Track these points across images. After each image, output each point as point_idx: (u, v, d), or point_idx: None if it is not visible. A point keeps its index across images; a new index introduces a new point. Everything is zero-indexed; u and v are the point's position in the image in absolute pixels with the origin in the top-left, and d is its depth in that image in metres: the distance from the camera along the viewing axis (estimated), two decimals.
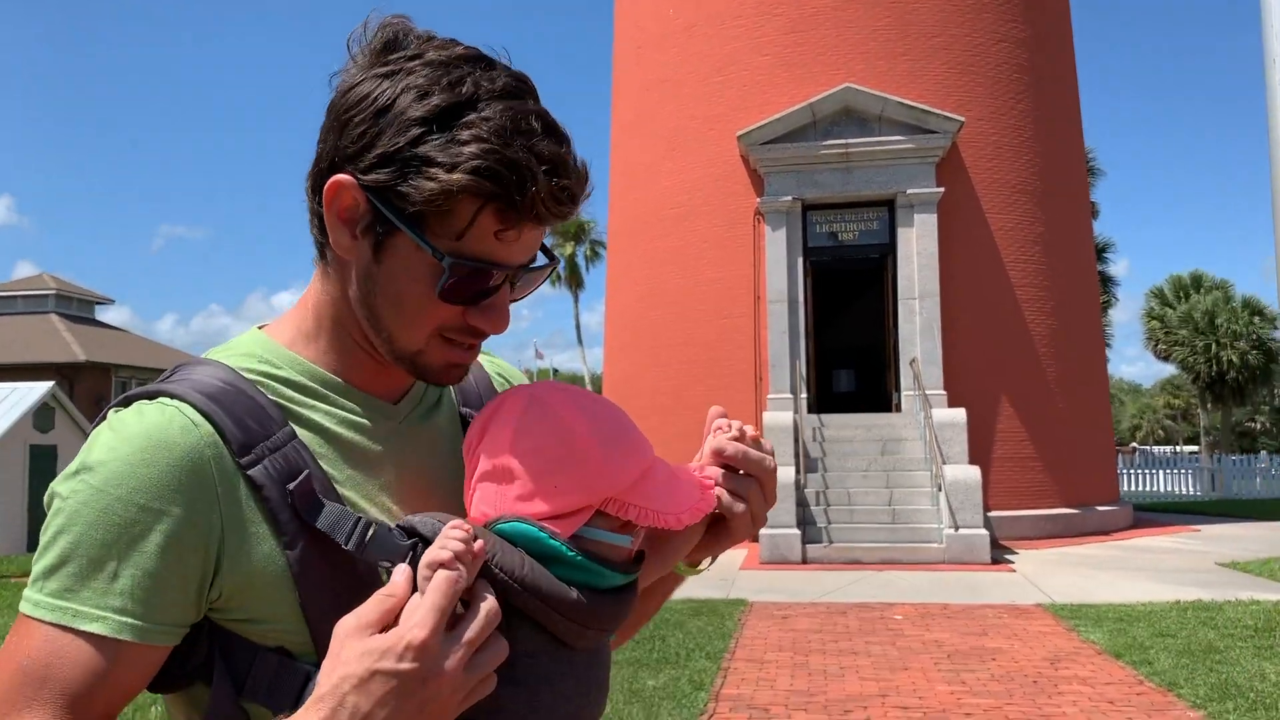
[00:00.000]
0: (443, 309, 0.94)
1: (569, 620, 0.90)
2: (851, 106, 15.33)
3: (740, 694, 6.53)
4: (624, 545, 0.95)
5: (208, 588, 0.90)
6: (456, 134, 0.89)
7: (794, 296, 15.47)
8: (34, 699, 0.85)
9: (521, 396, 0.97)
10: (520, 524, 0.91)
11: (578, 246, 36.18)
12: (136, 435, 0.89)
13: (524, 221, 0.91)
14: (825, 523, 13.15)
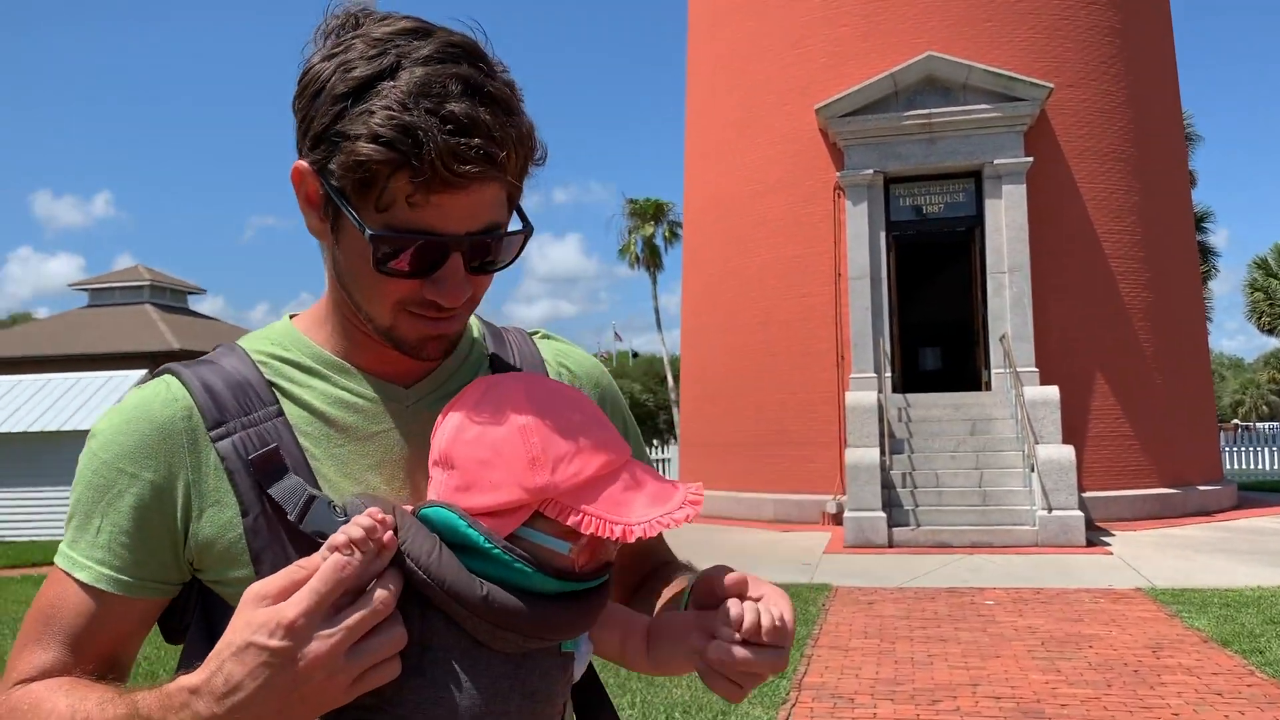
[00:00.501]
0: (394, 283, 0.95)
1: (476, 617, 0.86)
2: (934, 75, 14.85)
3: (823, 682, 6.33)
4: (561, 551, 0.89)
5: (182, 548, 0.99)
6: (369, 105, 0.89)
7: (876, 272, 15.09)
8: (44, 634, 0.98)
9: (482, 385, 0.97)
10: (441, 509, 0.89)
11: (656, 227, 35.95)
12: (127, 407, 1.00)
13: (432, 184, 0.89)
14: (912, 505, 12.81)
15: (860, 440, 13.36)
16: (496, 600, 0.86)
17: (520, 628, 0.88)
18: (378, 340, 1.02)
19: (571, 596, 0.91)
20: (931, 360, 19.12)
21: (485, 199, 0.93)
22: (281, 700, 0.83)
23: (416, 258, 0.93)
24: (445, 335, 1.01)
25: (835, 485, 14.85)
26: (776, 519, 15.34)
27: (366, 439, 1.02)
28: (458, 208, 0.91)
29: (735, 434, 16.40)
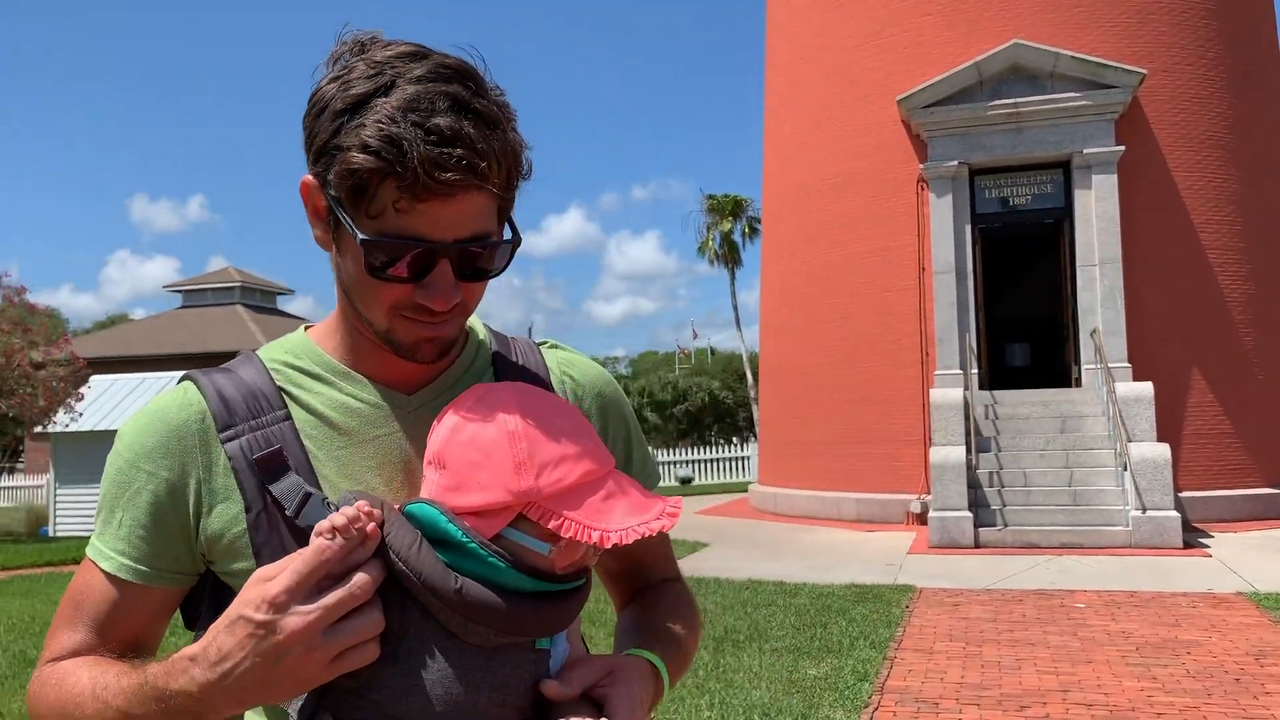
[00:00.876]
0: (388, 288, 1.01)
1: (450, 610, 0.91)
2: (1021, 63, 14.46)
3: (907, 686, 6.17)
4: (541, 552, 0.94)
5: (195, 541, 1.07)
6: (362, 119, 0.95)
7: (962, 266, 14.75)
8: (73, 618, 1.08)
9: (477, 391, 1.03)
10: (425, 505, 0.95)
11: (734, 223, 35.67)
12: (148, 411, 1.09)
13: (416, 191, 0.94)
14: (999, 505, 12.49)
15: (945, 438, 13.07)
16: (470, 594, 0.91)
17: (491, 622, 0.93)
18: (383, 349, 1.09)
19: (547, 596, 0.96)
20: (1019, 356, 18.64)
21: (472, 208, 0.98)
22: (265, 670, 0.91)
23: (407, 264, 0.99)
24: (438, 339, 1.06)
25: (919, 484, 14.57)
26: (859, 519, 15.11)
27: (367, 442, 1.09)
28: (444, 215, 0.97)
29: (816, 432, 16.19)
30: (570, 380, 1.24)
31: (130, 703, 0.97)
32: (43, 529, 20.24)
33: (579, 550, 0.96)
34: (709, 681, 6.23)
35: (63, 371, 18.72)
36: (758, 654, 6.96)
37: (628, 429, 1.28)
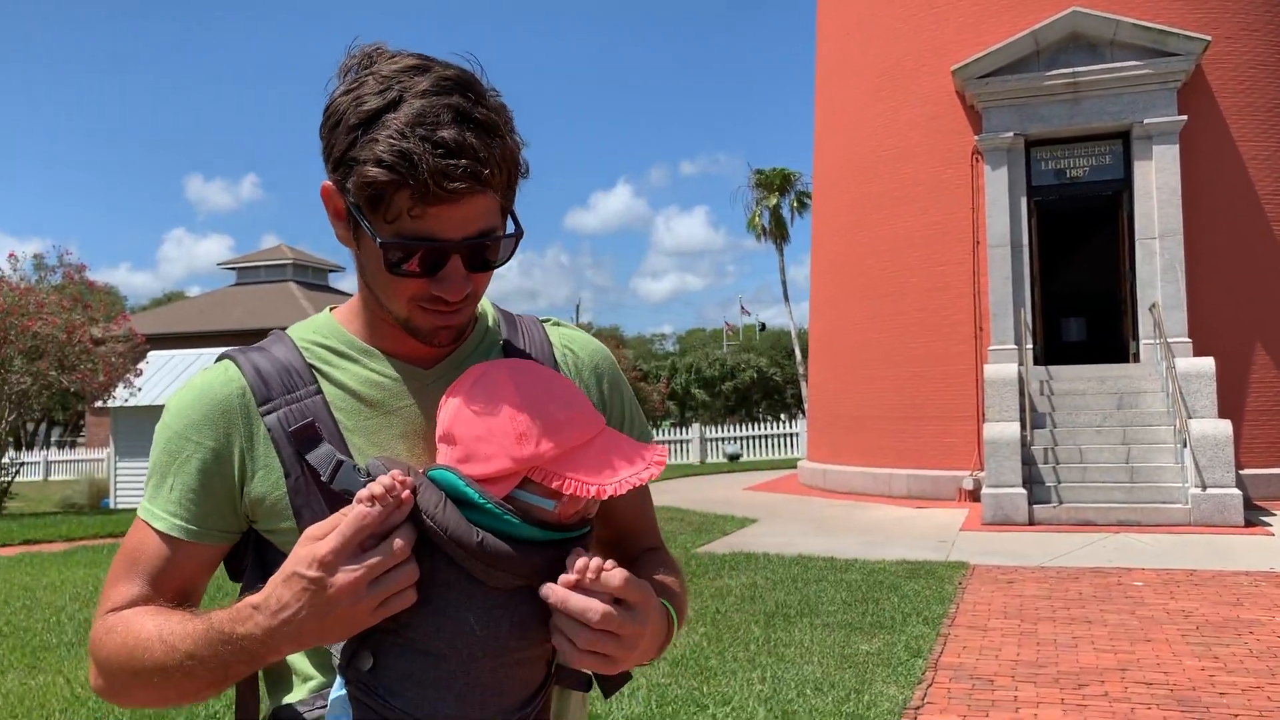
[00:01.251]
0: (406, 282, 1.12)
1: (473, 558, 1.04)
2: (1079, 31, 14.13)
3: (961, 663, 6.12)
4: (547, 508, 1.07)
5: (239, 503, 1.19)
6: (374, 134, 1.06)
7: (1017, 239, 14.50)
8: (129, 572, 1.19)
9: (476, 371, 1.14)
10: (445, 471, 1.08)
11: (782, 198, 35.34)
12: (194, 386, 1.22)
13: (427, 199, 1.05)
14: (1054, 481, 12.32)
15: (999, 414, 12.90)
16: (489, 545, 1.04)
17: (509, 568, 1.05)
18: (400, 329, 1.20)
19: (556, 543, 1.08)
20: (1075, 331, 18.34)
21: (477, 209, 1.09)
22: (318, 619, 1.02)
23: (421, 261, 1.10)
24: (452, 325, 1.18)
25: (972, 461, 14.41)
26: (910, 495, 14.99)
27: (391, 413, 1.21)
28: (453, 217, 1.08)
29: (866, 408, 16.07)
30: (571, 354, 1.36)
31: (197, 645, 1.08)
32: (104, 501, 20.71)
33: (580, 503, 1.09)
34: (760, 656, 6.22)
35: (122, 347, 19.07)
36: (809, 629, 6.93)
37: (623, 397, 1.40)
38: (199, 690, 1.12)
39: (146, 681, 1.13)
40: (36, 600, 8.71)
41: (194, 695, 1.14)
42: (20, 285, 18.21)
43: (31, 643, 7.07)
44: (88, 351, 18.10)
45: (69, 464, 32.51)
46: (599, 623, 1.05)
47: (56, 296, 18.44)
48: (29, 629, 7.53)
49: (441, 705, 1.06)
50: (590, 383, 1.35)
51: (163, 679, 1.11)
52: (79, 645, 6.97)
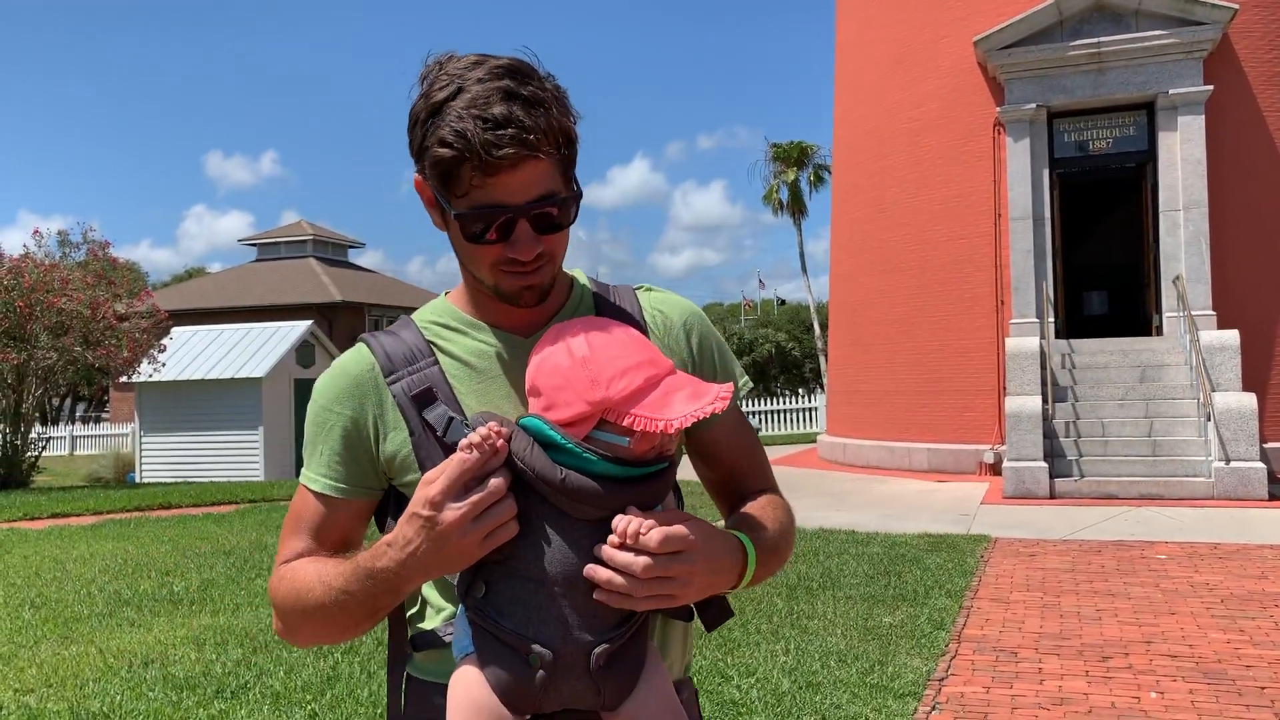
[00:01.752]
0: (484, 249, 1.28)
1: (558, 494, 1.19)
2: (1103, 1, 13.95)
3: (984, 635, 6.14)
4: (622, 444, 1.20)
5: (377, 462, 1.38)
6: (437, 121, 1.23)
7: (1039, 212, 14.39)
8: (296, 529, 1.40)
9: (554, 330, 1.29)
10: (533, 419, 1.22)
11: (800, 172, 35.08)
12: (334, 367, 1.43)
13: (485, 168, 1.21)
14: (1076, 455, 12.29)
15: (1021, 388, 12.85)
16: (571, 482, 1.18)
17: (591, 501, 1.19)
18: (499, 302, 1.36)
19: (634, 479, 1.21)
20: (1097, 305, 18.20)
21: (534, 175, 1.23)
22: (435, 551, 1.18)
23: (495, 228, 1.25)
24: (534, 285, 1.32)
25: (993, 434, 14.38)
26: (930, 469, 14.98)
27: (496, 377, 1.38)
28: (514, 184, 1.22)
29: (886, 382, 16.03)
30: (660, 314, 1.49)
31: (347, 582, 1.27)
32: (130, 475, 20.93)
33: (653, 439, 1.20)
34: (784, 628, 6.26)
35: (145, 323, 19.20)
36: (832, 601, 6.97)
37: (713, 347, 1.52)
38: (357, 623, 1.31)
39: (313, 619, 1.33)
40: (67, 572, 8.83)
41: (354, 628, 1.32)
42: (45, 262, 18.34)
43: (64, 614, 7.17)
44: (112, 327, 18.24)
45: (94, 439, 32.82)
46: (643, 573, 1.17)
47: (81, 273, 18.58)
48: (60, 600, 7.64)
49: (544, 625, 1.20)
50: (679, 338, 1.48)
51: (324, 615, 1.30)
52: (110, 616, 7.07)
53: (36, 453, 18.91)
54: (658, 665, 1.28)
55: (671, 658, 1.41)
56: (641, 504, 1.21)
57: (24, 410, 18.08)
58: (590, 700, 1.22)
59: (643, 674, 1.25)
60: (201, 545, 10.19)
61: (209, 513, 13.19)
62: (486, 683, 1.22)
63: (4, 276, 17.08)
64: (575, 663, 1.20)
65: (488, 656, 1.22)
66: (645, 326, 1.44)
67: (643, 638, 1.26)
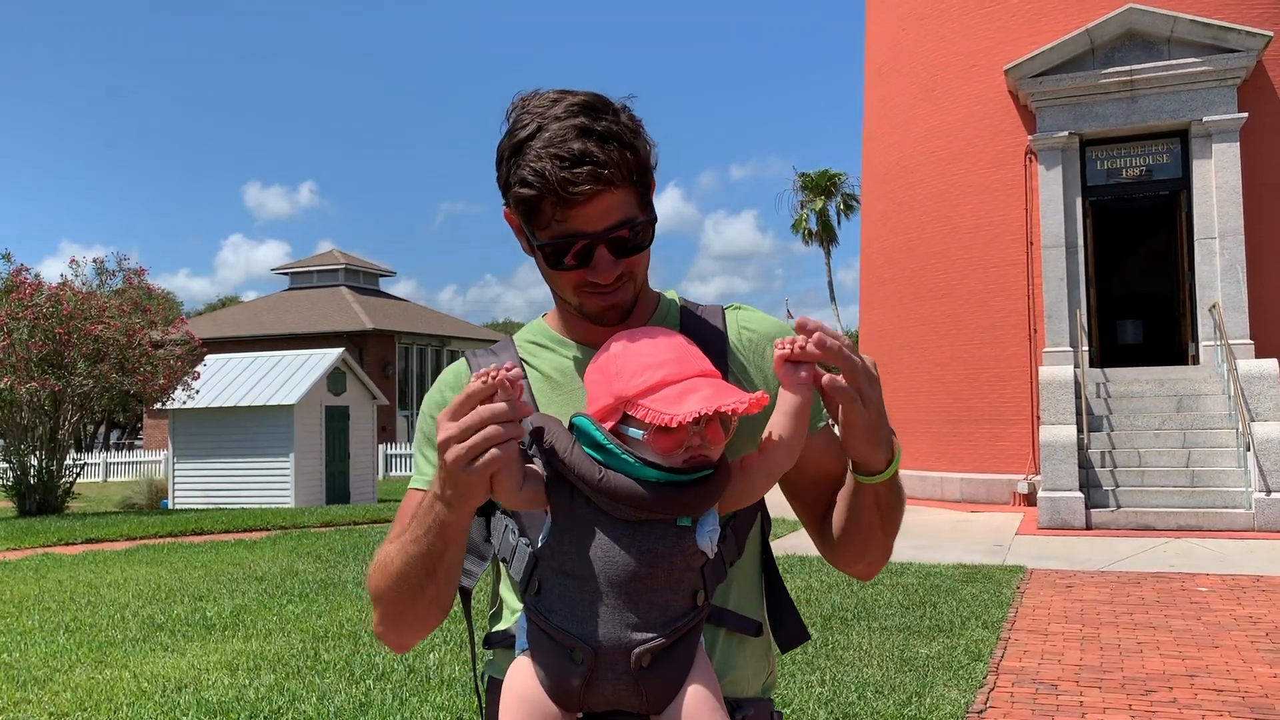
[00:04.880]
0: (566, 274, 1.36)
1: (597, 492, 1.22)
2: (1135, 29, 13.92)
3: (1023, 667, 6.04)
4: (637, 437, 1.21)
5: None
6: (519, 160, 1.30)
7: (1072, 240, 14.30)
8: (399, 522, 1.41)
9: (612, 336, 1.34)
10: (583, 418, 1.27)
11: (828, 201, 35.11)
12: (439, 379, 1.56)
13: (564, 203, 1.28)
14: (1112, 485, 12.13)
15: (1055, 417, 12.72)
16: (609, 482, 1.21)
17: (629, 501, 1.21)
18: (585, 320, 1.43)
19: (674, 485, 1.22)
20: (1131, 333, 18.03)
21: (610, 204, 1.29)
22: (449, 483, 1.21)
23: (575, 255, 1.32)
24: (616, 305, 1.39)
25: (1027, 464, 14.23)
26: (963, 499, 14.83)
27: (575, 389, 1.44)
28: (591, 214, 1.29)
29: (919, 410, 15.92)
30: (749, 332, 1.52)
31: (414, 536, 1.31)
32: (163, 501, 21.08)
33: (673, 438, 1.20)
34: (819, 659, 6.18)
35: (179, 350, 19.39)
36: (866, 632, 6.88)
37: None
38: (422, 584, 1.33)
39: (398, 592, 1.36)
40: (101, 597, 8.88)
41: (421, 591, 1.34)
42: (82, 290, 18.59)
43: (97, 638, 7.21)
44: (147, 355, 18.44)
45: (128, 465, 33.12)
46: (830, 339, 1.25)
47: (117, 301, 18.80)
48: (94, 625, 7.68)
49: (588, 623, 1.23)
50: (768, 355, 1.50)
51: (400, 581, 1.34)
52: (144, 641, 7.10)
53: (72, 479, 19.09)
54: (706, 672, 1.27)
55: (745, 675, 1.41)
56: (680, 509, 1.24)
57: (60, 437, 18.28)
58: (633, 701, 1.23)
59: (688, 678, 1.25)
60: (234, 571, 10.23)
61: (241, 539, 13.24)
62: (536, 678, 1.26)
63: (43, 304, 17.32)
64: (616, 661, 1.22)
65: (539, 653, 1.26)
66: (729, 344, 1.48)
67: (691, 642, 1.27)
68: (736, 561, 1.42)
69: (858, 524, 1.41)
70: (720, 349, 1.47)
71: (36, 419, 17.80)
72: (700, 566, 1.27)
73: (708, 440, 1.22)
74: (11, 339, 16.89)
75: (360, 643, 6.75)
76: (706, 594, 1.29)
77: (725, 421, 1.24)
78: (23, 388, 16.85)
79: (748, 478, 1.31)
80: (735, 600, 1.43)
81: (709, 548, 1.26)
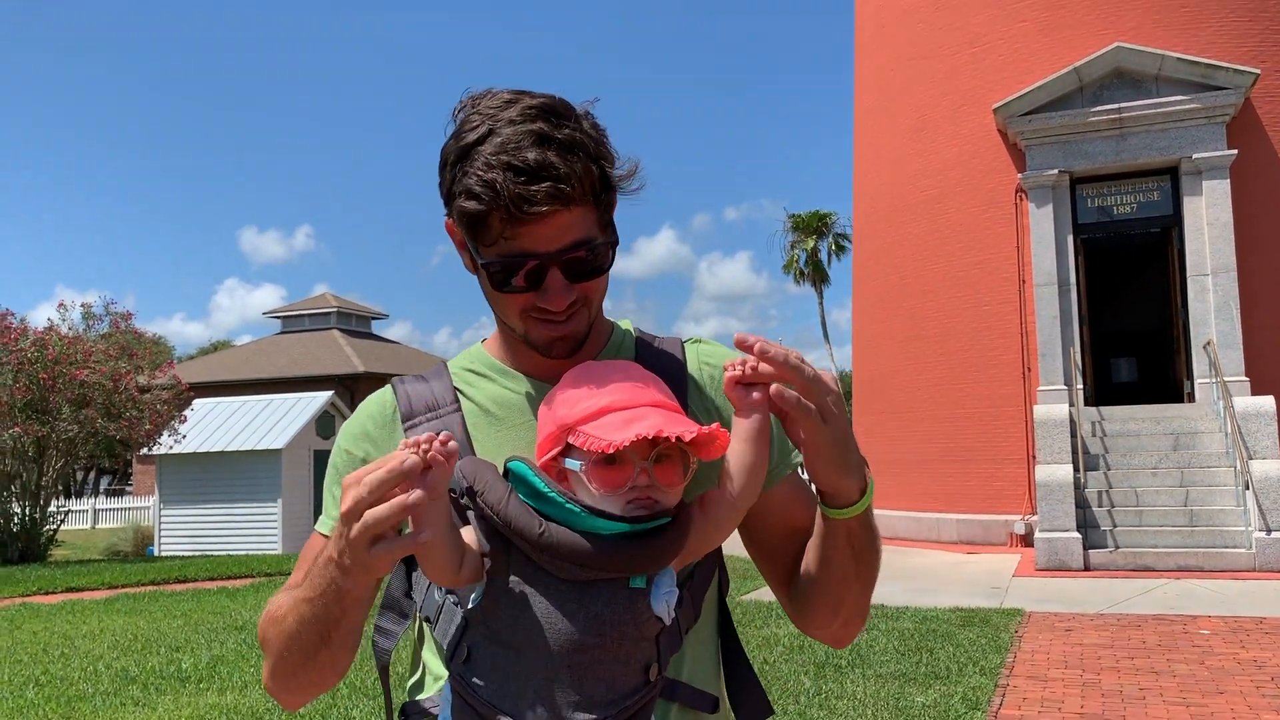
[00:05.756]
0: (513, 298, 1.21)
1: (536, 549, 1.06)
2: (1123, 67, 13.95)
3: (1023, 715, 5.84)
4: (575, 469, 1.08)
5: None
6: (466, 167, 1.15)
7: (1064, 278, 14.22)
8: (298, 569, 1.26)
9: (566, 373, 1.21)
10: (519, 463, 1.11)
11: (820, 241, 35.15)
12: (359, 407, 1.38)
13: (515, 220, 1.13)
14: (1110, 525, 11.95)
15: (1051, 456, 12.57)
16: (550, 537, 1.05)
17: (574, 559, 1.05)
18: (531, 349, 1.28)
19: (626, 538, 1.06)
20: (1126, 372, 17.94)
21: (567, 222, 1.15)
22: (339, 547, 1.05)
23: (523, 277, 1.17)
24: (566, 336, 1.23)
25: (1023, 505, 14.05)
26: (960, 540, 14.63)
27: (519, 426, 1.29)
28: (544, 232, 1.14)
29: (913, 451, 15.76)
30: (708, 367, 1.37)
31: (310, 588, 1.13)
32: (149, 548, 20.78)
33: (613, 473, 1.06)
34: (811, 709, 5.98)
35: (167, 395, 19.21)
36: (861, 680, 6.68)
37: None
38: (319, 648, 1.15)
39: (289, 651, 1.19)
40: (75, 648, 8.64)
41: (326, 661, 1.18)
42: (69, 335, 18.44)
43: (68, 692, 6.97)
44: (133, 399, 18.26)
45: (116, 511, 32.76)
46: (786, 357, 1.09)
47: (104, 345, 18.65)
48: (66, 678, 7.44)
49: (524, 697, 1.07)
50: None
51: (292, 641, 1.17)
52: (114, 695, 6.87)
53: (54, 526, 18.80)
54: None
55: None
56: (632, 566, 1.07)
57: (44, 483, 18.03)
58: None
59: None
60: (214, 620, 9.99)
61: (224, 586, 12.99)
62: None
63: (28, 349, 17.16)
64: None
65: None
66: (688, 380, 1.33)
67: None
68: (692, 628, 1.25)
69: (829, 571, 1.24)
70: (679, 383, 1.31)
71: (20, 465, 17.57)
72: (655, 635, 1.12)
73: (658, 481, 1.07)
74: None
75: (338, 696, 6.53)
76: (660, 667, 1.13)
77: (684, 463, 1.10)
78: (5, 434, 16.64)
79: (708, 515, 1.15)
80: (690, 671, 1.27)
81: (665, 613, 1.10)
